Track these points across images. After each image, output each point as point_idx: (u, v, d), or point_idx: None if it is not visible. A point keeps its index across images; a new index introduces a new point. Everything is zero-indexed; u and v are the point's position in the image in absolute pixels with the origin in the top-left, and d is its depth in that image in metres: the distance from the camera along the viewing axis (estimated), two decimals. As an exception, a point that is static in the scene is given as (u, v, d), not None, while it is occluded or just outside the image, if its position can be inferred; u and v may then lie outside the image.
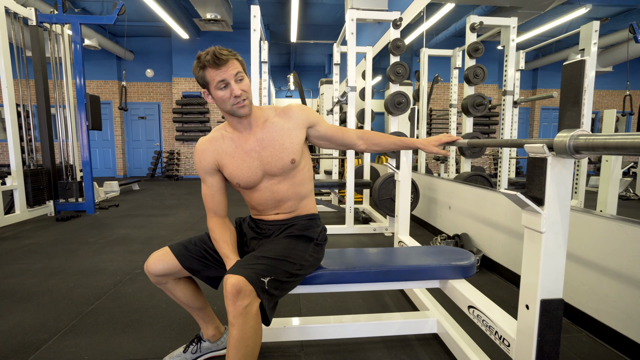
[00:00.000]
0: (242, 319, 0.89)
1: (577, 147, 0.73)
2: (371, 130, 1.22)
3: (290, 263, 1.07)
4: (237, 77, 1.03)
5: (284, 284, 1.04)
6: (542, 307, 0.83)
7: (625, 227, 1.36)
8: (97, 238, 3.03)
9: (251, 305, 0.91)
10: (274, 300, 1.02)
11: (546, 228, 0.80)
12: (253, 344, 0.92)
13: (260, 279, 0.95)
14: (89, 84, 8.50)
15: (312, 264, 1.17)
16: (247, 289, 0.90)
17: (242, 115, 1.07)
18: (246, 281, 0.91)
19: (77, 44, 3.85)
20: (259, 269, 0.98)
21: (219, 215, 1.18)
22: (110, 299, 1.83)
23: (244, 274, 0.93)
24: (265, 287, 0.96)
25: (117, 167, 8.87)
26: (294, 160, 1.13)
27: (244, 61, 1.10)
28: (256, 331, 0.92)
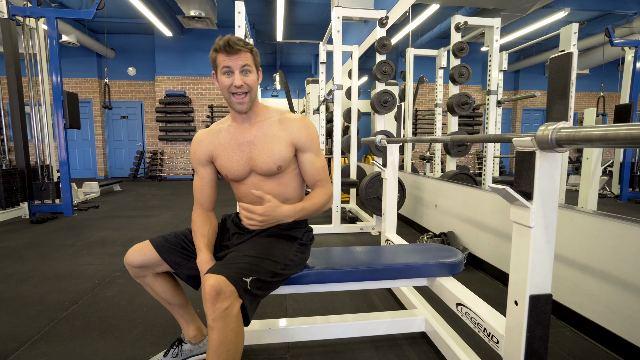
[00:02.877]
0: (222, 322, 0.85)
1: (559, 140, 0.72)
2: (322, 190, 1.16)
3: (273, 262, 1.04)
4: (243, 68, 1.04)
5: (267, 283, 1.01)
6: (531, 302, 0.82)
7: (608, 223, 1.38)
8: (74, 240, 2.91)
9: (232, 307, 0.87)
10: (257, 300, 0.98)
11: (535, 223, 0.79)
12: (235, 347, 0.88)
13: (242, 279, 0.92)
14: (68, 81, 8.22)
15: (297, 263, 1.14)
16: (227, 290, 0.86)
17: (238, 111, 1.08)
18: (227, 281, 0.88)
19: (53, 40, 3.69)
20: (240, 268, 0.94)
21: (204, 208, 1.19)
22: (87, 303, 1.75)
23: (224, 274, 0.89)
24: (248, 287, 0.92)
25: (98, 167, 8.60)
26: (280, 167, 1.13)
27: (257, 54, 1.10)
28: (237, 334, 0.88)
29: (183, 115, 8.30)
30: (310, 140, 1.15)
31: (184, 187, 6.75)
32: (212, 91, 8.41)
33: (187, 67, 8.30)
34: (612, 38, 4.22)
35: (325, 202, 1.16)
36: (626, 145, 0.60)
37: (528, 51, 7.96)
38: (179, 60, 8.28)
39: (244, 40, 1.04)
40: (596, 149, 2.08)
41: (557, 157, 0.78)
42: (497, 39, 3.19)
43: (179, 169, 8.52)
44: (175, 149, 8.47)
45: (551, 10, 5.65)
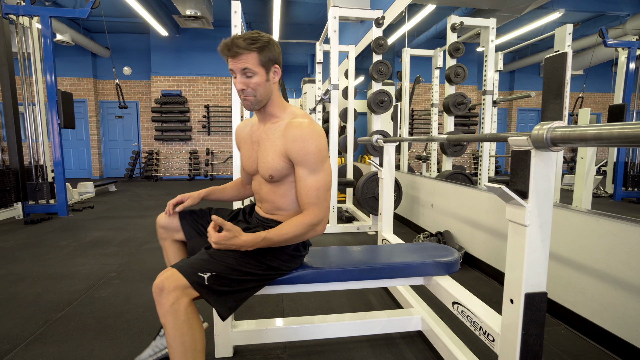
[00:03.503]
0: (172, 317, 0.87)
1: (554, 139, 0.73)
2: (301, 218, 1.02)
3: (240, 261, 1.00)
4: (244, 72, 1.00)
5: (235, 282, 0.98)
6: (526, 300, 0.83)
7: (601, 222, 1.40)
8: (69, 241, 2.88)
9: (178, 302, 0.87)
10: (226, 297, 0.96)
11: (530, 221, 0.80)
12: (191, 339, 0.89)
13: (198, 274, 0.92)
14: (62, 81, 8.15)
15: (280, 269, 1.11)
16: (171, 286, 0.87)
17: (246, 108, 1.08)
18: (171, 277, 0.89)
19: (47, 38, 3.66)
20: (197, 263, 0.95)
21: (241, 180, 1.38)
22: (82, 304, 1.74)
23: (178, 267, 0.92)
24: (205, 283, 0.92)
25: (93, 167, 8.53)
26: (272, 177, 1.08)
27: (273, 51, 1.02)
28: (192, 326, 0.89)
29: (179, 115, 8.26)
30: (303, 153, 1.02)
31: (180, 187, 6.72)
32: (208, 91, 8.38)
33: (183, 67, 8.26)
34: (606, 39, 4.27)
35: (300, 233, 1.02)
36: (619, 144, 0.61)
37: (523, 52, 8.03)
38: (174, 60, 8.24)
39: (250, 39, 0.97)
40: (590, 149, 2.10)
41: (552, 156, 0.79)
42: (492, 40, 3.20)
43: (174, 169, 8.48)
44: (171, 149, 8.43)
45: (546, 11, 5.70)
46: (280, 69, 1.07)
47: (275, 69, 1.05)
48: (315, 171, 1.03)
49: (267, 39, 1.01)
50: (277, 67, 1.06)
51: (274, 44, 1.03)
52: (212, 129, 8.42)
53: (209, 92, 8.38)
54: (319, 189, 1.03)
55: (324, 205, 1.05)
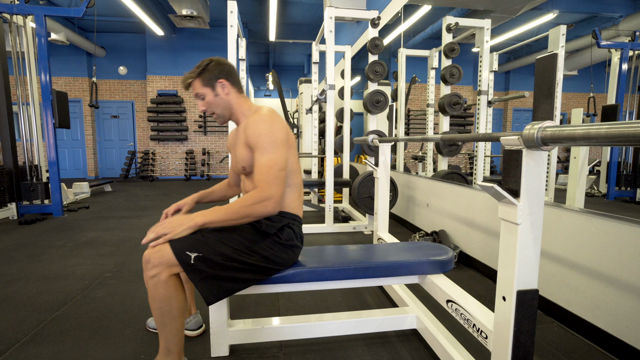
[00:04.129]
0: (151, 286, 1.02)
1: (544, 138, 0.74)
2: (250, 193, 1.07)
3: (230, 247, 1.07)
4: (198, 96, 1.19)
5: (221, 267, 1.05)
6: (518, 298, 0.84)
7: (594, 220, 1.42)
8: (64, 241, 2.87)
9: (159, 276, 1.01)
10: (212, 281, 1.04)
11: (522, 219, 0.81)
12: (167, 306, 1.02)
13: (186, 252, 1.02)
14: (57, 80, 8.09)
15: (273, 260, 1.14)
16: (155, 260, 1.00)
17: (219, 123, 1.29)
18: (160, 251, 1.00)
19: (41, 38, 3.64)
20: (187, 243, 1.04)
21: (228, 181, 1.47)
22: (78, 304, 1.73)
23: (172, 244, 1.02)
24: (192, 262, 1.02)
25: (88, 167, 8.48)
26: (245, 168, 1.21)
27: (213, 71, 1.17)
28: (168, 297, 1.02)
29: (175, 115, 8.23)
30: (256, 135, 1.11)
31: (176, 187, 6.70)
32: (204, 91, 8.35)
33: (179, 67, 8.23)
34: (599, 40, 4.31)
35: (246, 204, 1.05)
36: (607, 143, 0.62)
37: (518, 52, 8.08)
38: (171, 60, 8.21)
39: (193, 69, 1.16)
40: (583, 149, 2.13)
41: (543, 155, 0.80)
42: (487, 40, 3.23)
43: (171, 169, 8.45)
44: (168, 149, 8.40)
45: (540, 12, 5.74)
46: (227, 82, 1.19)
47: (220, 83, 1.18)
48: (268, 151, 1.10)
49: (206, 62, 1.17)
50: (223, 81, 1.18)
51: (215, 64, 1.17)
52: (209, 129, 8.40)
53: (205, 92, 8.36)
54: (270, 167, 1.08)
55: (275, 182, 1.09)
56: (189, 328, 1.45)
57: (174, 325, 1.05)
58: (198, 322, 1.46)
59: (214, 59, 1.18)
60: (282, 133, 1.13)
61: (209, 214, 1.05)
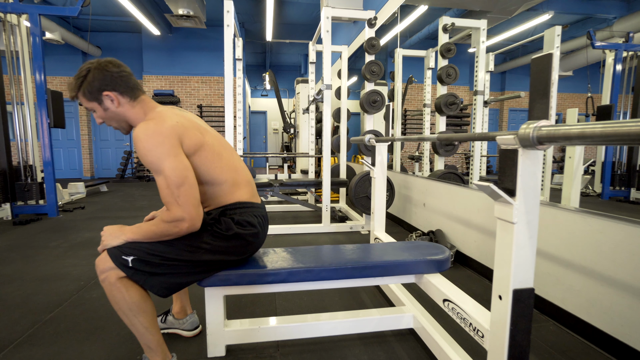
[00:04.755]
0: (105, 287, 1.06)
1: (540, 138, 0.74)
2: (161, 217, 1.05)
3: (167, 246, 1.08)
4: (90, 110, 1.10)
5: (160, 265, 1.08)
6: (514, 296, 0.84)
7: (588, 219, 1.43)
8: (59, 242, 2.85)
9: (107, 279, 1.05)
10: (158, 278, 1.08)
11: (518, 219, 0.82)
12: (125, 305, 1.06)
13: (122, 257, 1.06)
14: (52, 80, 8.03)
15: (218, 251, 1.12)
16: (101, 266, 1.05)
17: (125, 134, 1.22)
18: (103, 258, 1.06)
19: (36, 37, 3.61)
20: (124, 247, 1.07)
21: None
22: (73, 305, 1.72)
23: (109, 251, 1.07)
24: (130, 265, 1.05)
25: (84, 168, 8.42)
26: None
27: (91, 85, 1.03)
28: (122, 298, 1.05)
29: (171, 114, 8.19)
30: (141, 156, 1.00)
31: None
32: (201, 91, 8.33)
33: (175, 67, 8.20)
34: (594, 41, 4.34)
35: (160, 231, 1.04)
36: (602, 142, 0.62)
37: (514, 53, 8.13)
38: (167, 60, 8.18)
39: (74, 79, 1.05)
40: (578, 149, 2.15)
41: (539, 154, 0.81)
42: (483, 40, 3.25)
43: (167, 169, 8.41)
44: (164, 149, 8.36)
45: (536, 12, 5.78)
46: (113, 93, 1.05)
47: (107, 96, 1.05)
48: (157, 170, 1.01)
49: (85, 71, 1.03)
50: (109, 94, 1.05)
51: (94, 73, 1.03)
52: (205, 129, 8.37)
53: (201, 91, 8.33)
54: (167, 186, 1.00)
55: (179, 202, 1.01)
56: (184, 328, 1.44)
57: (139, 322, 1.09)
58: (194, 323, 1.46)
59: (93, 64, 1.04)
60: (163, 144, 0.99)
61: (135, 230, 1.08)
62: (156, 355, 1.13)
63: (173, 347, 1.35)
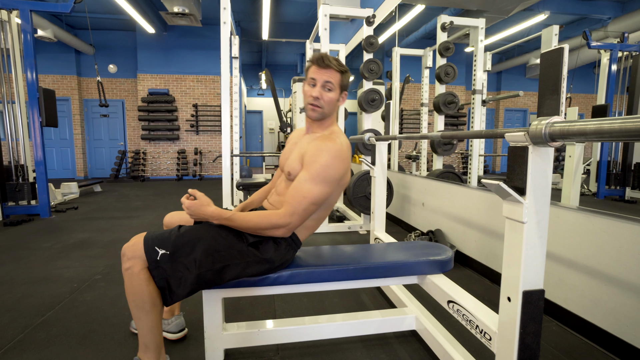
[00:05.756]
0: (126, 278, 1.03)
1: (552, 134, 0.72)
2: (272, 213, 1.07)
3: (203, 250, 1.04)
4: (326, 84, 1.15)
5: (182, 270, 1.02)
6: (524, 298, 0.82)
7: (592, 218, 1.41)
8: (52, 243, 2.78)
9: (132, 269, 1.02)
10: (171, 279, 1.02)
11: (528, 218, 0.79)
12: (140, 299, 1.03)
13: (155, 248, 1.02)
14: (44, 78, 7.91)
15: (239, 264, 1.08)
16: (129, 254, 1.02)
17: (309, 116, 1.21)
18: (134, 246, 1.02)
19: (27, 34, 3.53)
20: (161, 237, 1.05)
21: (270, 186, 1.42)
22: (65, 308, 1.67)
23: (145, 237, 1.04)
24: (157, 259, 1.01)
25: (77, 167, 8.30)
26: (290, 174, 1.18)
27: (349, 80, 1.19)
28: (140, 291, 1.02)
29: (166, 114, 8.11)
30: (314, 159, 1.08)
31: (168, 187, 6.60)
32: (196, 90, 8.25)
33: (170, 65, 8.12)
34: (589, 41, 4.35)
35: (262, 225, 1.05)
36: (620, 138, 0.60)
37: (510, 53, 8.16)
38: (162, 58, 8.09)
39: (338, 61, 1.15)
40: (578, 148, 2.14)
41: (550, 152, 0.78)
42: (482, 39, 3.24)
43: (162, 169, 8.33)
44: (159, 149, 8.27)
45: (532, 13, 5.80)
46: (345, 96, 1.23)
47: (344, 95, 1.21)
48: (313, 181, 1.07)
49: (347, 68, 1.19)
50: (344, 94, 1.21)
51: (348, 79, 1.21)
52: (201, 129, 8.30)
53: (197, 90, 8.26)
54: (305, 197, 1.06)
55: (299, 214, 1.07)
56: (169, 330, 1.39)
57: (147, 320, 1.05)
58: (179, 325, 1.41)
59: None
60: (340, 172, 1.11)
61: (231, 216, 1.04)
62: (152, 356, 1.09)
63: (168, 351, 1.31)
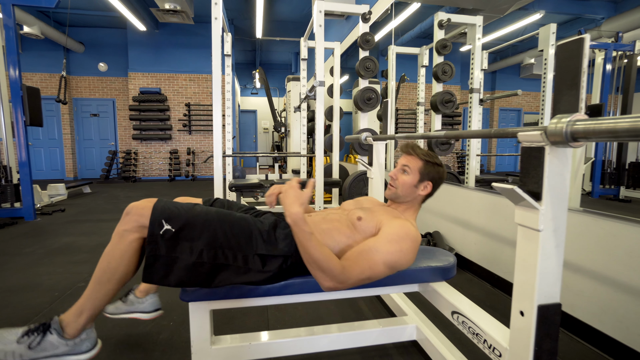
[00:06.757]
0: (115, 239, 0.95)
1: (575, 133, 0.65)
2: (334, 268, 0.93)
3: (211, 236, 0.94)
4: (404, 168, 1.20)
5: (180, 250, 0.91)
6: (539, 313, 0.75)
7: (600, 222, 1.35)
8: (34, 248, 2.66)
9: (129, 233, 0.94)
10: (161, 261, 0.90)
11: (544, 225, 0.72)
12: (114, 266, 0.95)
13: (162, 220, 0.91)
14: (31, 76, 7.72)
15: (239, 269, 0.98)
16: (133, 217, 0.93)
17: (385, 194, 1.26)
18: (142, 209, 0.93)
19: (10, 30, 3.40)
20: (172, 211, 0.94)
21: None
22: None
23: (156, 203, 0.95)
24: (160, 233, 0.90)
25: (66, 168, 8.12)
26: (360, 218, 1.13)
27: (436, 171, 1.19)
28: (122, 256, 0.95)
29: (158, 113, 7.97)
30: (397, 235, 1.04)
31: (159, 188, 6.46)
32: (189, 89, 8.11)
33: (162, 64, 7.97)
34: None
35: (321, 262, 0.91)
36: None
37: (504, 52, 8.15)
38: (153, 56, 7.94)
39: (426, 154, 1.19)
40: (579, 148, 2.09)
41: (568, 153, 0.71)
42: (479, 37, 3.18)
43: (154, 170, 8.18)
44: (151, 149, 8.12)
45: (527, 12, 5.78)
46: (431, 189, 1.20)
47: (426, 185, 1.19)
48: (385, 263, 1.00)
49: (438, 162, 1.20)
50: (428, 184, 1.19)
51: (440, 172, 1.19)
52: (194, 128, 8.17)
53: (189, 89, 8.12)
54: (370, 268, 0.98)
55: (353, 282, 0.97)
56: (143, 310, 1.31)
57: (104, 289, 0.97)
58: (154, 304, 1.32)
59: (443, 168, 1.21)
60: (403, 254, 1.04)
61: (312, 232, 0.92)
62: (81, 323, 1.00)
63: (154, 367, 1.22)
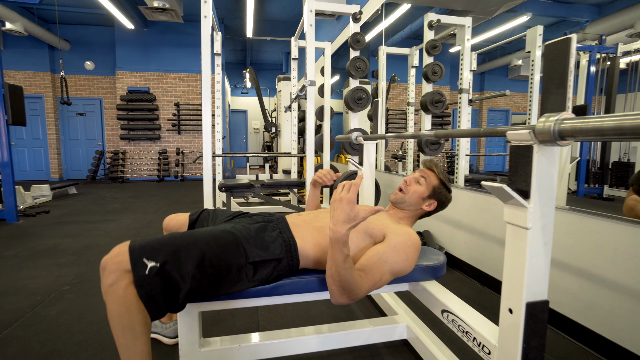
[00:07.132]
0: (110, 297, 0.86)
1: (562, 132, 0.65)
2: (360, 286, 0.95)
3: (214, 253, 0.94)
4: (419, 179, 1.25)
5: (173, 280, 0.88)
6: (527, 310, 0.75)
7: (586, 220, 1.37)
8: (17, 250, 2.59)
9: (117, 284, 0.85)
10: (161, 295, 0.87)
11: (532, 223, 0.73)
12: (128, 321, 0.86)
13: (143, 260, 0.87)
14: (15, 74, 7.51)
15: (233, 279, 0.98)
16: (112, 267, 0.86)
17: (389, 198, 1.31)
18: (117, 257, 0.87)
19: (-9, 25, 3.30)
20: (153, 246, 0.90)
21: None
22: (26, 325, 1.52)
23: (130, 246, 0.89)
24: (146, 273, 0.86)
25: (51, 169, 7.93)
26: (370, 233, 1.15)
27: (443, 193, 1.25)
28: (127, 310, 0.86)
29: (147, 113, 7.84)
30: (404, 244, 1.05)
31: (148, 189, 6.36)
32: (178, 88, 8.01)
33: (151, 62, 7.86)
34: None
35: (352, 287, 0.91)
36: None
37: (492, 54, 8.28)
38: (142, 55, 7.82)
39: (441, 171, 1.26)
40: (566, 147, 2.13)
41: (556, 151, 0.72)
42: (468, 38, 3.22)
43: (142, 170, 8.05)
44: (139, 149, 7.99)
45: (514, 14, 5.89)
46: (433, 208, 1.25)
47: (431, 202, 1.24)
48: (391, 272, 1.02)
49: (450, 189, 1.27)
50: (433, 203, 1.24)
51: (447, 197, 1.26)
52: (183, 128, 8.07)
53: (179, 89, 8.02)
54: (381, 280, 1.00)
55: (368, 290, 0.98)
56: (166, 335, 1.35)
57: (137, 344, 0.87)
58: (176, 331, 1.35)
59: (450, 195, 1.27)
60: (407, 262, 1.06)
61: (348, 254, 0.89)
62: None
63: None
